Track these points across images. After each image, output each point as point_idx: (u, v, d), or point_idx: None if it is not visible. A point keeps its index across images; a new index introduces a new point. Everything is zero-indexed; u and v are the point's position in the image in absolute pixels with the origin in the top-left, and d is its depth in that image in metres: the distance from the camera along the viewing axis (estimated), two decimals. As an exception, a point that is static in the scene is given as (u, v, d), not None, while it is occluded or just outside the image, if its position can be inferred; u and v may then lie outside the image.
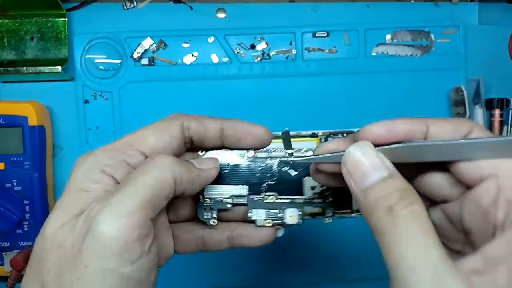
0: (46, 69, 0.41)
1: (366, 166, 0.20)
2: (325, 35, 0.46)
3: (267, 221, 0.26)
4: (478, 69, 0.47)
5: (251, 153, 0.26)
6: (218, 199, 0.26)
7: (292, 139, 0.30)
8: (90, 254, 0.19)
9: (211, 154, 0.26)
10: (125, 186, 0.21)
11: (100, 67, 0.44)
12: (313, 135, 0.45)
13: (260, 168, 0.27)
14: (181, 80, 0.45)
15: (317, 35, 0.45)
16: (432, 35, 0.46)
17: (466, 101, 0.45)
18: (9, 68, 0.41)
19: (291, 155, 0.28)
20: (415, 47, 0.46)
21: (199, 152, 0.26)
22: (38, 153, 0.41)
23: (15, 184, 0.41)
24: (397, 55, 0.46)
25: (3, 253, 0.41)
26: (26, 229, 0.41)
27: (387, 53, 0.46)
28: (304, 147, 0.26)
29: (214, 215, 0.26)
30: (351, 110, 0.46)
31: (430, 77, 0.46)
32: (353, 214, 0.47)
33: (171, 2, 0.45)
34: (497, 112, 0.46)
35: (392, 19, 0.46)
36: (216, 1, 0.45)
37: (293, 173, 0.26)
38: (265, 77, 0.45)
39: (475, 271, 0.17)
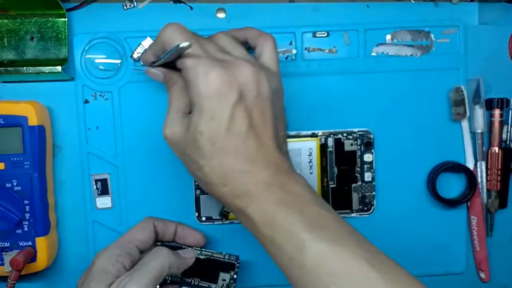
0: (46, 69, 0.41)
1: (153, 73, 0.39)
2: (325, 35, 0.46)
3: None
4: (478, 69, 0.47)
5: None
6: None
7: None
8: None
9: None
10: (142, 268, 0.35)
11: (100, 67, 0.44)
12: (313, 135, 0.46)
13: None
14: (181, 80, 0.45)
15: (317, 35, 0.45)
16: (432, 35, 0.46)
17: (466, 101, 0.45)
18: (9, 68, 0.41)
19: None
20: (415, 47, 0.46)
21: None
22: (38, 153, 0.41)
23: (15, 184, 0.41)
24: (397, 55, 0.46)
25: (3, 253, 0.41)
26: (26, 229, 0.41)
27: (387, 53, 0.46)
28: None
29: None
30: (351, 110, 0.46)
31: (430, 77, 0.46)
32: (353, 214, 0.47)
33: (171, 2, 0.45)
34: (497, 112, 0.46)
35: (392, 19, 0.46)
36: (216, 1, 0.45)
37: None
38: (265, 77, 0.45)
39: None
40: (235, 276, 0.41)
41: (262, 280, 0.46)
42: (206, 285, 0.41)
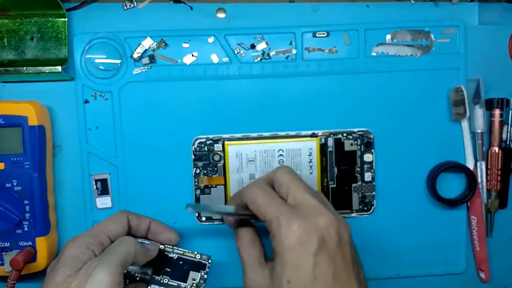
0: (46, 69, 0.41)
1: (228, 222, 0.42)
2: (325, 35, 0.46)
3: None
4: (478, 69, 0.47)
5: (162, 246, 0.41)
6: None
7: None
8: None
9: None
10: (110, 252, 0.35)
11: (100, 67, 0.44)
12: (313, 135, 0.46)
13: (166, 259, 0.41)
14: (181, 80, 0.45)
15: (317, 35, 0.45)
16: (432, 35, 0.46)
17: (466, 101, 0.45)
18: (9, 68, 0.41)
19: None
20: (415, 47, 0.46)
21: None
22: (38, 153, 0.41)
23: (15, 184, 0.41)
24: (397, 55, 0.46)
25: (3, 253, 0.41)
26: (26, 229, 0.41)
27: (387, 53, 0.46)
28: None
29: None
30: (351, 110, 0.46)
31: (430, 77, 0.46)
32: (353, 214, 0.47)
33: (171, 2, 0.45)
34: (497, 112, 0.46)
35: (392, 19, 0.46)
36: (216, 1, 0.45)
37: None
38: (265, 77, 0.45)
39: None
40: (205, 276, 0.41)
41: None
42: (176, 284, 0.41)
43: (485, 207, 0.47)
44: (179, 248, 0.41)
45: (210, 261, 0.41)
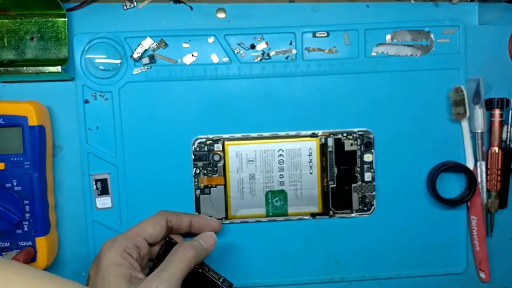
0: (46, 69, 0.41)
1: None
2: (325, 35, 0.46)
3: None
4: (478, 69, 0.47)
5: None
6: None
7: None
8: None
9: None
10: (171, 268, 0.35)
11: (100, 67, 0.44)
12: (313, 135, 0.46)
13: None
14: (181, 80, 0.45)
15: (317, 35, 0.45)
16: (432, 35, 0.46)
17: (466, 101, 0.45)
18: (9, 68, 0.41)
19: None
20: (415, 47, 0.46)
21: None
22: (38, 153, 0.41)
23: (15, 184, 0.41)
24: (397, 55, 0.46)
25: (3, 253, 0.41)
26: (26, 229, 0.41)
27: (387, 53, 0.46)
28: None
29: None
30: (351, 110, 0.46)
31: (430, 77, 0.46)
32: (353, 214, 0.47)
33: (171, 2, 0.45)
34: (497, 112, 0.46)
35: (392, 19, 0.46)
36: (216, 1, 0.45)
37: None
38: (265, 77, 0.45)
39: None
40: None
41: (261, 279, 0.46)
42: None
43: (485, 207, 0.47)
44: (206, 265, 0.41)
45: None
